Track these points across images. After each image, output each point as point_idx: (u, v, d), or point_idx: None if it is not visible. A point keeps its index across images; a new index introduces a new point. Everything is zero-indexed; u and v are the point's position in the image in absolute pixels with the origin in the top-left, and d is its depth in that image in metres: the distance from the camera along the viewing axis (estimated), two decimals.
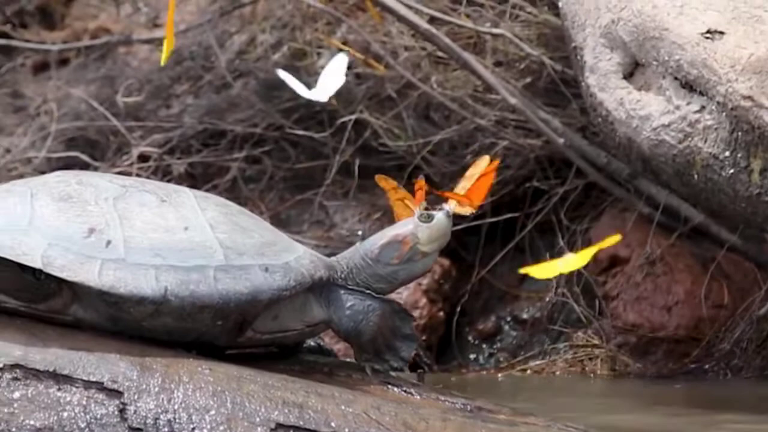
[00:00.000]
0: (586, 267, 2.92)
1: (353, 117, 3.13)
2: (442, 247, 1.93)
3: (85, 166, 3.21)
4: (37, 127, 3.32)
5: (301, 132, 3.22)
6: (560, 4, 2.84)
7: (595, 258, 2.87)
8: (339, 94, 2.74)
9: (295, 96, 2.82)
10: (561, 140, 2.98)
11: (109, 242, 1.86)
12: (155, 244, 1.88)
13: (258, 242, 1.92)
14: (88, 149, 3.34)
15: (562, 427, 1.93)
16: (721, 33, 2.53)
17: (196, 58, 3.29)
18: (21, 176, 2.98)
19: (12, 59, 3.53)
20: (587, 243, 3.04)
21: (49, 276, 1.85)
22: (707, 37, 2.53)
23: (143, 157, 3.27)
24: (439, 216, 1.93)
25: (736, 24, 2.55)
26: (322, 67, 2.83)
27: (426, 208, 1.93)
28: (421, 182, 1.97)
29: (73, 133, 3.34)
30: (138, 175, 3.03)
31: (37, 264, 1.82)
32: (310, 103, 2.90)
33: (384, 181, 2.00)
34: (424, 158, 3.05)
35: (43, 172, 2.92)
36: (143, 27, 3.50)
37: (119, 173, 3.06)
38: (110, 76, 3.37)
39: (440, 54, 3.06)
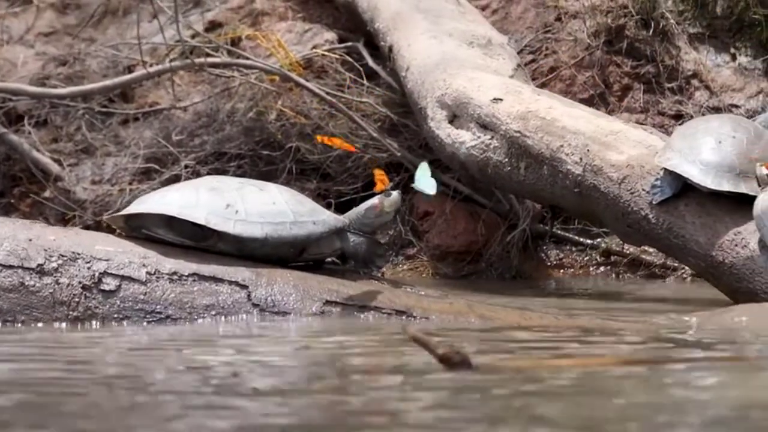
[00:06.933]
0: (412, 214, 4.32)
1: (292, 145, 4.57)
2: (396, 210, 2.83)
3: (156, 172, 4.58)
4: (130, 152, 4.68)
5: (264, 152, 4.61)
6: (408, 86, 4.10)
7: (419, 211, 4.34)
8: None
9: (264, 134, 4.35)
10: (398, 154, 4.56)
11: (237, 211, 2.76)
12: (260, 211, 2.73)
13: (308, 208, 2.83)
14: (157, 163, 4.72)
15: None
16: (501, 99, 3.81)
17: (203, 117, 4.73)
18: (130, 180, 4.53)
19: (111, 118, 4.88)
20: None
21: (208, 228, 2.78)
22: (494, 101, 3.81)
23: (185, 166, 4.62)
24: (393, 194, 2.78)
25: (508, 95, 3.84)
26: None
27: (388, 189, 2.76)
28: (380, 172, 2.80)
29: (148, 155, 4.72)
30: (187, 177, 4.40)
31: (202, 222, 2.78)
32: (269, 138, 4.41)
33: (377, 170, 2.82)
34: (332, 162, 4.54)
35: (134, 177, 4.48)
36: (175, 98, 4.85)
37: (174, 176, 4.51)
38: (164, 126, 4.78)
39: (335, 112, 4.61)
